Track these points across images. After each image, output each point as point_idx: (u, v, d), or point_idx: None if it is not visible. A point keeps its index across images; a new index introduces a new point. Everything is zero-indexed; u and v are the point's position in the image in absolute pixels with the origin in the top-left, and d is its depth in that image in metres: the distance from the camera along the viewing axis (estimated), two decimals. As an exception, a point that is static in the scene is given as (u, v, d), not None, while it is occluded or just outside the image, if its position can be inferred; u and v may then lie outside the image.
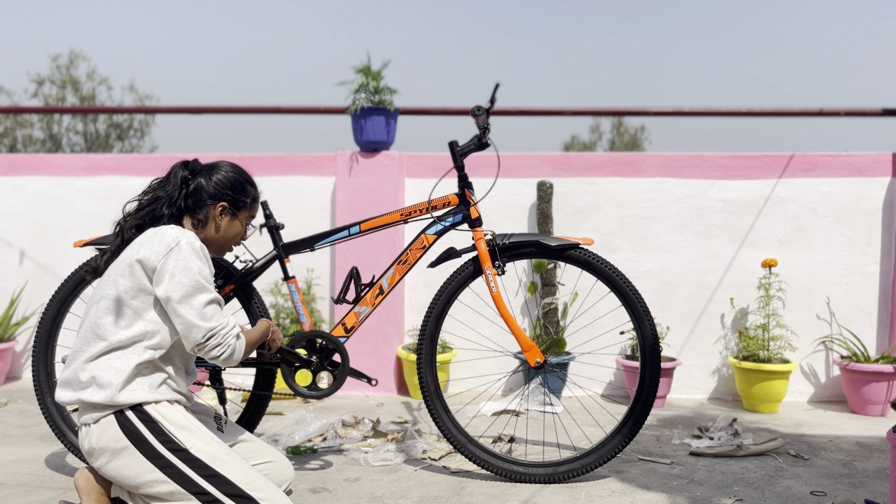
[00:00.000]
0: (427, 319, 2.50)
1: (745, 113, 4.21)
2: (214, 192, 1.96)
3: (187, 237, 1.83)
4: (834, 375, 3.71)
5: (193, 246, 1.82)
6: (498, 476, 2.46)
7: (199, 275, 1.80)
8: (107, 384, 1.75)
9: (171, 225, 1.90)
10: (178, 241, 1.81)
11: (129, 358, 1.78)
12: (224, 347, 1.80)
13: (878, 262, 3.70)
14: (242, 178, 2.02)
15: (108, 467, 1.78)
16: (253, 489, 1.76)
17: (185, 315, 1.77)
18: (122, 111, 4.93)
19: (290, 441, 2.78)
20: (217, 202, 1.97)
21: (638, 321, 2.41)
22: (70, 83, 21.16)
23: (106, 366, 1.78)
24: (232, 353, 1.82)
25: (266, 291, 3.84)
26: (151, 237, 1.84)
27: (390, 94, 3.70)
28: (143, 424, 1.76)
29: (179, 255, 1.79)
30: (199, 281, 1.79)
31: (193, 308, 1.77)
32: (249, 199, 2.03)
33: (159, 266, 1.78)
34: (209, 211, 1.96)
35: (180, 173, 1.97)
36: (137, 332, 1.79)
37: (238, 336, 1.84)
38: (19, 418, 3.19)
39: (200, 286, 1.79)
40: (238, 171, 2.03)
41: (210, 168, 2.01)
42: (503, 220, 3.85)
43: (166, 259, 1.78)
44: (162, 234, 1.83)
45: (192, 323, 1.77)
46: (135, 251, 1.83)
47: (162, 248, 1.80)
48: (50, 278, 4.06)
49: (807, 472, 2.56)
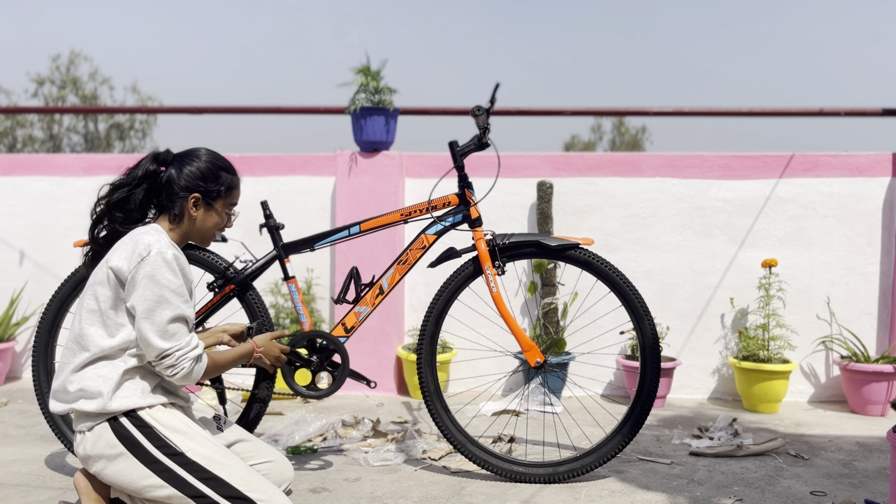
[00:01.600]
0: (427, 319, 2.50)
1: (745, 113, 4.21)
2: (186, 184, 1.88)
3: (160, 245, 1.77)
4: (834, 375, 3.71)
5: (165, 257, 1.76)
6: (498, 476, 2.46)
7: (167, 288, 1.74)
8: (96, 394, 1.74)
9: (148, 227, 1.85)
10: (150, 251, 1.76)
11: (115, 366, 1.77)
12: (177, 369, 1.75)
13: (878, 262, 3.70)
14: (216, 166, 1.92)
15: (104, 473, 1.78)
16: (251, 490, 1.75)
17: (144, 330, 1.73)
18: (122, 111, 4.94)
19: (290, 441, 2.78)
20: (189, 194, 1.88)
21: (638, 321, 2.41)
22: (71, 83, 21.16)
23: (93, 375, 1.76)
24: (187, 374, 1.77)
25: (266, 291, 3.84)
26: (125, 243, 1.81)
27: (390, 94, 3.70)
28: (137, 430, 1.75)
29: (147, 266, 1.74)
30: (164, 295, 1.74)
31: (154, 324, 1.73)
32: (224, 188, 1.92)
33: (130, 276, 1.75)
34: (183, 204, 1.89)
35: (147, 167, 1.90)
36: (121, 340, 1.77)
37: (197, 358, 1.79)
38: (19, 418, 3.19)
39: (164, 301, 1.74)
40: (212, 157, 1.93)
41: (182, 157, 1.92)
42: (503, 220, 3.85)
43: (137, 269, 1.75)
44: (136, 242, 1.78)
45: (148, 340, 1.73)
46: (109, 257, 1.81)
47: (134, 257, 1.76)
48: (50, 278, 4.06)
49: (807, 472, 2.56)
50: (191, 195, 1.89)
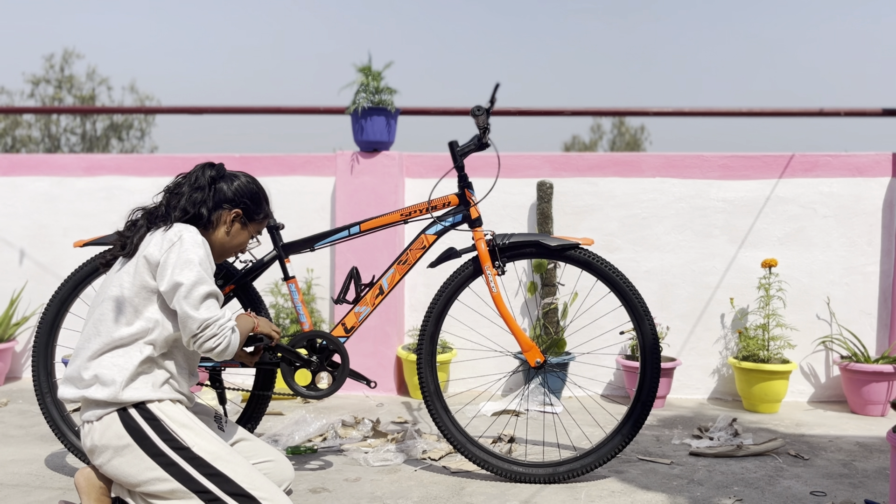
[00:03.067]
0: (427, 319, 2.50)
1: (745, 113, 4.21)
2: (233, 197, 1.98)
3: (190, 232, 1.85)
4: (834, 375, 3.71)
5: (195, 240, 1.84)
6: (498, 476, 2.46)
7: (200, 266, 1.81)
8: (110, 381, 1.77)
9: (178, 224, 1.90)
10: (181, 235, 1.83)
11: (131, 355, 1.80)
12: (219, 339, 1.80)
13: (878, 262, 3.70)
14: (261, 193, 2.07)
15: (109, 465, 1.79)
16: (254, 488, 1.76)
17: (184, 306, 1.78)
18: (120, 111, 4.94)
19: (290, 441, 2.78)
20: (233, 208, 1.98)
21: (638, 321, 2.41)
22: (67, 82, 21.14)
23: (109, 363, 1.79)
24: (227, 346, 1.81)
25: (266, 291, 3.84)
26: (156, 234, 1.87)
27: (390, 94, 3.70)
28: (146, 422, 1.77)
29: (182, 247, 1.81)
30: (200, 273, 1.80)
31: (193, 299, 1.78)
32: (262, 215, 2.06)
33: (162, 260, 1.80)
34: (222, 214, 1.97)
35: (208, 173, 1.98)
36: (138, 329, 1.80)
37: (233, 329, 1.84)
38: (19, 418, 3.19)
39: (201, 278, 1.80)
40: (258, 184, 2.07)
41: (231, 174, 2.04)
42: (503, 220, 3.85)
43: (168, 253, 1.81)
44: (165, 231, 1.86)
45: (188, 314, 1.78)
46: (142, 249, 1.86)
47: (165, 242, 1.83)
48: (50, 278, 4.06)
49: (807, 473, 2.56)
50: (234, 209, 1.98)
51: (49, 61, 21.26)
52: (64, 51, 21.61)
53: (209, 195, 1.96)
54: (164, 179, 3.93)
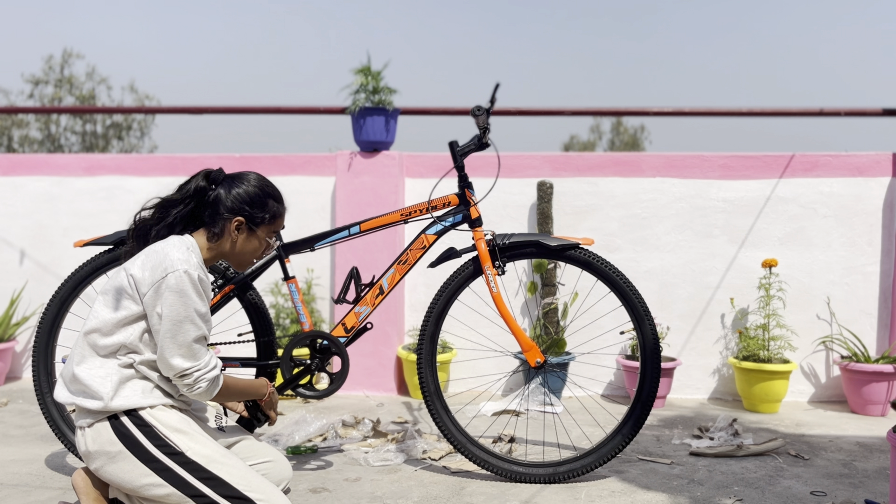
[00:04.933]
0: (427, 319, 2.50)
1: (745, 113, 4.21)
2: (232, 206, 1.89)
3: (187, 265, 1.77)
4: (834, 375, 3.71)
5: (191, 277, 1.77)
6: (498, 476, 2.46)
7: (191, 308, 1.76)
8: (97, 393, 1.75)
9: (181, 241, 1.85)
10: (175, 269, 1.75)
11: (112, 365, 1.78)
12: (194, 387, 1.78)
13: (878, 262, 3.70)
14: (264, 193, 1.93)
15: (104, 470, 1.78)
16: (250, 490, 1.76)
17: (165, 348, 1.75)
18: (120, 111, 4.93)
19: (290, 441, 2.78)
20: (234, 216, 1.89)
21: (638, 321, 2.41)
22: (67, 82, 21.11)
23: (92, 375, 1.77)
24: (203, 393, 1.79)
25: (266, 291, 3.84)
26: (152, 254, 1.81)
27: (390, 94, 3.70)
28: (137, 429, 1.76)
29: (173, 284, 1.75)
30: (189, 315, 1.75)
31: (176, 343, 1.75)
32: (269, 216, 1.94)
33: (150, 292, 1.76)
34: (225, 225, 1.90)
35: (198, 183, 1.92)
36: (120, 340, 1.78)
37: (214, 379, 1.81)
38: (19, 418, 3.19)
39: (188, 320, 1.75)
40: (262, 184, 1.94)
41: (232, 179, 1.93)
42: (503, 220, 3.84)
43: (160, 284, 1.75)
44: (164, 255, 1.78)
45: (168, 359, 1.75)
46: (133, 263, 1.82)
47: (158, 270, 1.76)
48: (50, 278, 4.06)
49: (807, 472, 2.56)
50: (235, 218, 1.90)
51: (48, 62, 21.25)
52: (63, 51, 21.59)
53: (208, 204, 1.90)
54: (164, 179, 3.94)
